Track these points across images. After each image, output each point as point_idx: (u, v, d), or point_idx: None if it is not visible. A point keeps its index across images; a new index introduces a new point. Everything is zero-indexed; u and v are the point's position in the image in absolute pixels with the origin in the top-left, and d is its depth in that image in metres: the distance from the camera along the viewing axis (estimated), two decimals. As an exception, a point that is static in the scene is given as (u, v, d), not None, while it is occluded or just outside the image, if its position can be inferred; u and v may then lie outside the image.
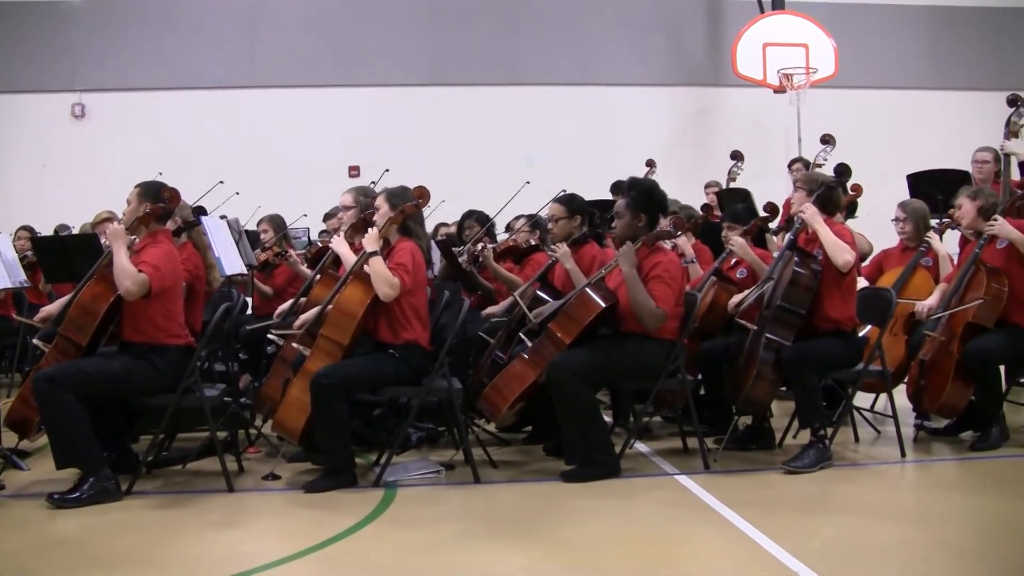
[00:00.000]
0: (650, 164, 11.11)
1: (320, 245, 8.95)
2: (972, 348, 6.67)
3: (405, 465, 6.46)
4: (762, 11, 16.46)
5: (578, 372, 6.06)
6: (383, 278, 5.99)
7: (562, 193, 7.52)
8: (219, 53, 15.84)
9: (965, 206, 7.01)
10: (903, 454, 6.67)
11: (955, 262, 7.38)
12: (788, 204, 7.46)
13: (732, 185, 11.04)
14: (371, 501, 5.74)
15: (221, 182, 8.43)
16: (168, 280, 5.94)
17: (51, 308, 6.41)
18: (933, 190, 8.53)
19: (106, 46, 15.56)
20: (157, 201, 6.12)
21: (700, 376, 7.14)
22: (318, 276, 6.99)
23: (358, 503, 5.69)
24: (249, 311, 8.69)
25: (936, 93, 17.38)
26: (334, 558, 4.84)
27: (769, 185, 10.25)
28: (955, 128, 14.29)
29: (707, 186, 11.38)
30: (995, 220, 6.79)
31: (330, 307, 6.21)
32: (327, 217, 9.27)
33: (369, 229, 6.24)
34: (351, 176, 14.98)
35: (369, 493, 5.92)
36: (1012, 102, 8.52)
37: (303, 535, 5.16)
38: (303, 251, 9.23)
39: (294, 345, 6.37)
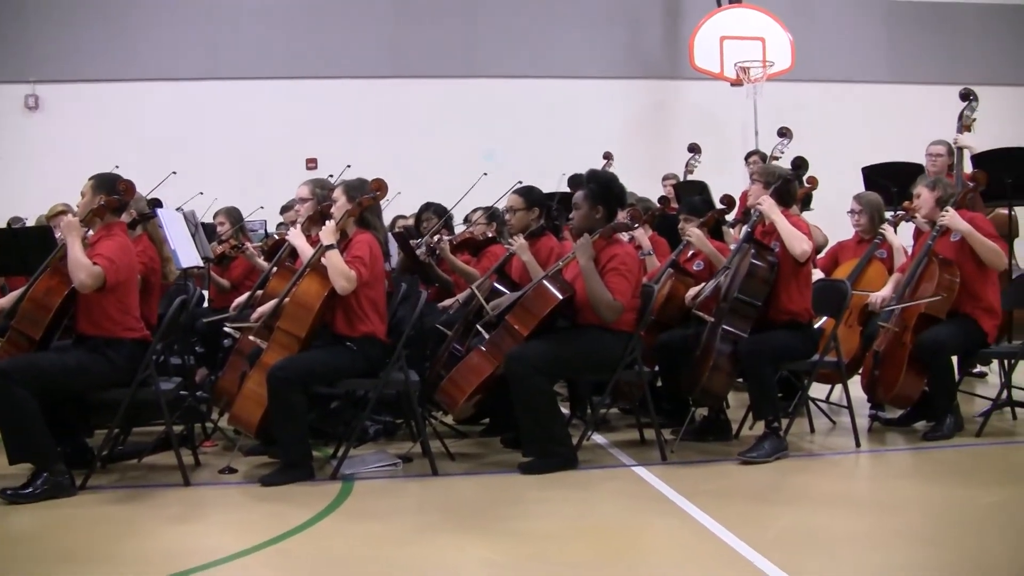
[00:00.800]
0: (607, 157, 11.14)
1: (277, 238, 8.91)
2: (925, 339, 6.74)
3: (362, 458, 6.45)
4: (719, 4, 16.51)
5: (535, 364, 6.07)
6: (340, 271, 5.97)
7: (520, 185, 7.52)
8: (176, 44, 15.71)
9: (924, 195, 7.07)
10: (858, 444, 6.73)
11: (909, 254, 7.43)
12: (745, 197, 7.50)
13: (689, 178, 11.09)
14: (328, 494, 5.72)
15: (174, 172, 8.38)
16: (123, 273, 5.89)
17: (3, 302, 6.35)
18: (888, 183, 8.59)
19: (61, 37, 15.37)
20: (112, 193, 6.06)
21: (657, 368, 7.15)
22: (275, 269, 6.96)
23: (315, 496, 5.67)
24: (205, 304, 8.63)
25: (891, 87, 17.51)
26: (291, 552, 4.82)
27: (726, 178, 10.29)
28: (910, 121, 14.37)
29: (664, 178, 11.43)
30: (946, 212, 6.86)
31: (287, 300, 6.18)
32: (284, 209, 9.23)
33: (326, 222, 6.21)
34: (309, 168, 14.92)
35: (326, 486, 5.90)
36: (965, 96, 8.63)
37: (260, 529, 5.13)
38: (260, 243, 9.18)
39: (251, 338, 6.34)
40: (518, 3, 16.69)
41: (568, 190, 8.71)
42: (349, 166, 8.13)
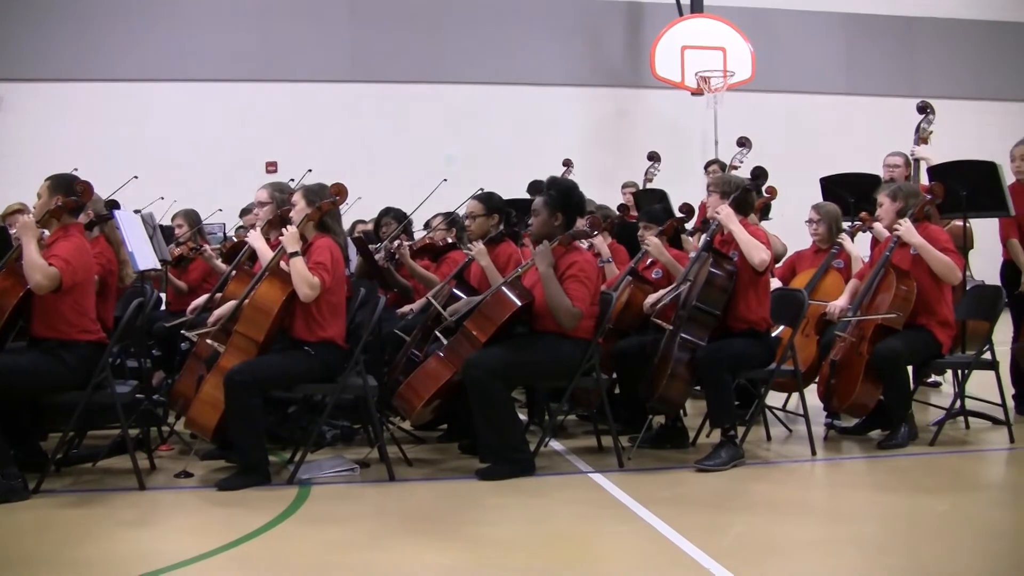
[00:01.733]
0: (567, 164, 11.18)
1: (235, 240, 8.87)
2: (881, 349, 6.80)
3: (319, 463, 6.43)
4: (681, 14, 16.64)
5: (493, 370, 6.07)
6: (304, 279, 5.95)
7: (480, 191, 7.53)
8: (139, 46, 15.66)
9: (885, 205, 7.14)
10: (814, 452, 6.77)
11: (866, 263, 7.50)
12: (704, 207, 7.53)
13: (649, 186, 11.13)
14: (285, 499, 5.70)
15: (135, 177, 8.33)
16: (79, 274, 5.85)
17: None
18: (845, 193, 8.66)
19: (25, 35, 15.30)
20: (69, 194, 6.01)
21: (615, 375, 7.19)
22: (233, 272, 6.93)
23: (272, 501, 5.65)
24: (163, 307, 8.58)
25: (850, 98, 17.72)
26: (247, 557, 4.80)
27: (686, 186, 10.35)
28: (868, 133, 14.55)
29: (624, 186, 11.46)
30: (901, 223, 6.93)
31: (245, 303, 6.15)
32: (243, 213, 9.20)
33: (286, 227, 6.19)
34: (268, 172, 14.89)
35: (283, 491, 5.88)
36: (922, 109, 8.72)
37: (215, 533, 5.10)
38: (218, 247, 9.14)
39: (208, 341, 6.30)
40: (481, 10, 16.74)
41: (529, 196, 8.73)
42: (311, 170, 8.13)
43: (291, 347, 6.19)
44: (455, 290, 6.89)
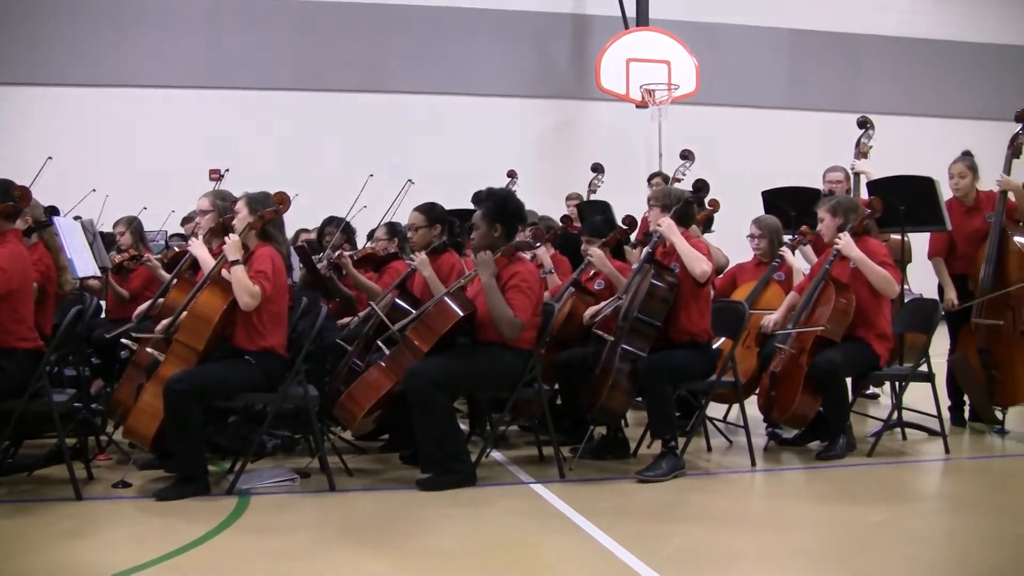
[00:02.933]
0: (511, 175, 11.20)
1: (176, 250, 8.80)
2: (820, 361, 6.88)
3: (259, 473, 6.39)
4: (626, 27, 16.73)
5: (435, 380, 6.06)
6: (245, 287, 5.92)
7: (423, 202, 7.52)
8: (81, 50, 15.53)
9: (826, 220, 7.23)
10: (753, 463, 6.83)
11: (807, 275, 7.58)
12: (646, 220, 7.57)
13: (593, 197, 11.18)
14: (224, 509, 5.66)
15: (94, 190, 8.23)
16: (16, 281, 5.78)
17: None
18: (787, 206, 8.74)
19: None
20: (6, 199, 5.94)
21: (556, 386, 7.22)
22: (175, 280, 6.88)
23: (211, 511, 5.60)
24: (103, 315, 8.50)
25: (792, 112, 17.89)
26: (185, 567, 4.75)
27: (630, 198, 10.37)
28: (809, 147, 14.67)
29: (568, 198, 11.51)
30: (840, 238, 7.02)
31: (186, 312, 6.11)
32: (185, 221, 9.13)
33: (228, 235, 6.16)
34: (212, 180, 14.78)
35: (222, 501, 5.84)
36: (862, 124, 8.84)
37: (153, 544, 5.04)
38: (159, 254, 9.07)
39: (148, 350, 6.25)
40: (427, 20, 16.75)
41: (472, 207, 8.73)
42: (227, 170, 8.05)
43: (232, 356, 6.15)
44: (398, 300, 6.87)
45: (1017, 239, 7.69)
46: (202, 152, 15.41)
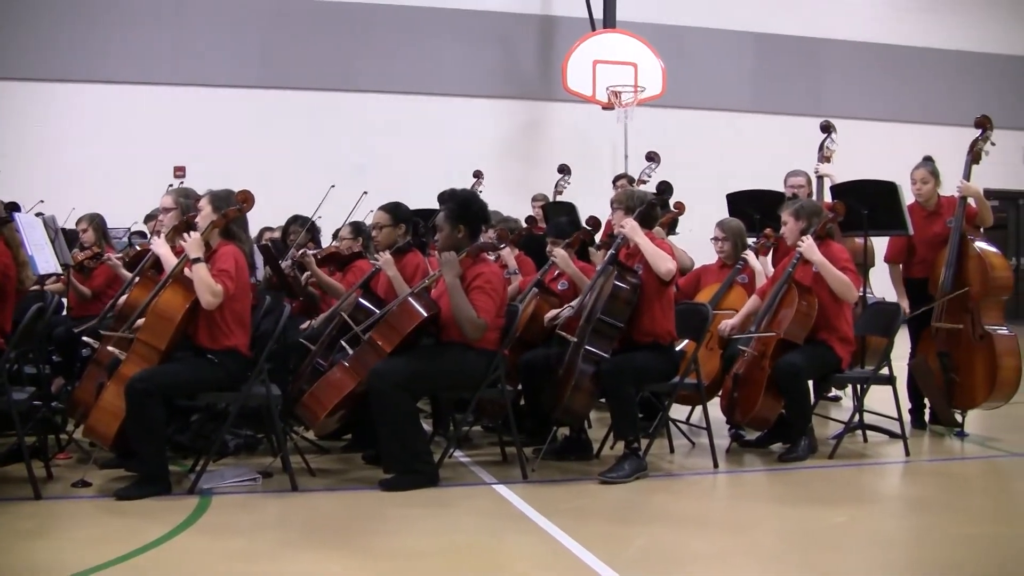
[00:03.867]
0: (477, 175, 11.21)
1: (139, 248, 8.74)
2: (782, 364, 6.92)
3: (221, 472, 6.37)
4: (593, 29, 16.74)
5: (398, 381, 6.06)
6: (207, 286, 5.89)
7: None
8: (42, 46, 15.38)
9: (789, 224, 7.28)
10: (716, 465, 6.86)
11: (770, 278, 7.62)
12: (611, 223, 7.59)
13: (558, 198, 11.19)
14: (185, 509, 5.63)
15: (42, 201, 8.15)
16: (-25, 279, 5.74)
17: None
18: (751, 209, 8.79)
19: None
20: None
21: (520, 386, 7.22)
22: (137, 278, 6.84)
23: (171, 511, 5.57)
24: (64, 312, 8.44)
25: (756, 116, 17.97)
26: (145, 567, 4.73)
27: (595, 199, 10.38)
28: (774, 150, 14.74)
29: (534, 199, 11.52)
30: (803, 241, 7.07)
31: (148, 310, 6.07)
32: (148, 218, 9.07)
33: (190, 233, 6.13)
34: (176, 177, 14.71)
35: (183, 501, 5.81)
36: (825, 128, 8.91)
37: (113, 544, 5.00)
38: (122, 252, 9.00)
39: (110, 348, 6.21)
40: (394, 20, 16.70)
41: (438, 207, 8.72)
42: (183, 169, 8.01)
43: (194, 355, 6.13)
44: (361, 300, 6.86)
45: (977, 244, 7.77)
46: (166, 149, 15.32)
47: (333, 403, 6.28)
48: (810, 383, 7.30)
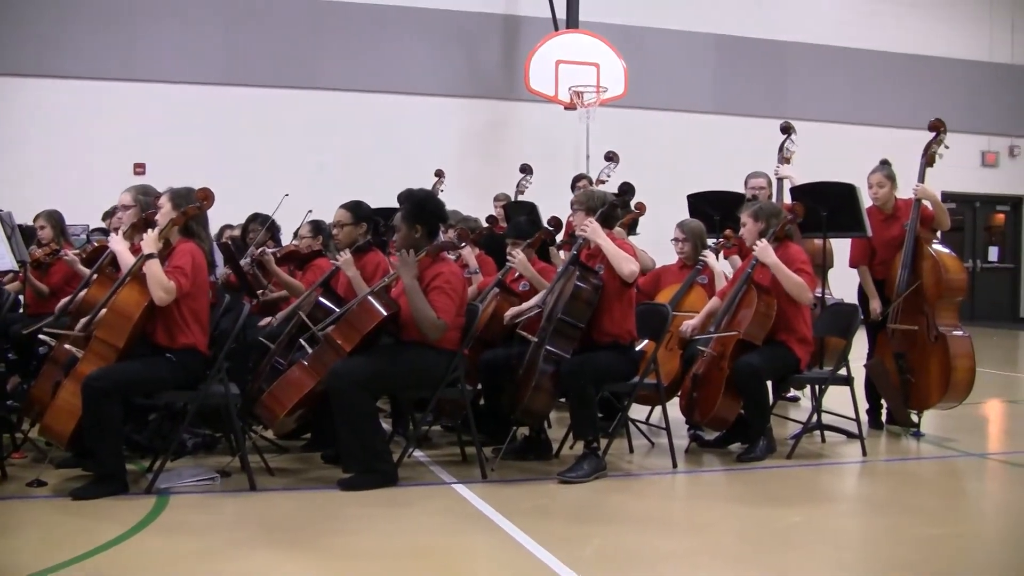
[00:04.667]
0: (439, 175, 11.20)
1: (96, 244, 8.67)
2: (741, 364, 6.95)
3: (179, 471, 6.33)
4: (556, 29, 16.75)
5: (358, 380, 6.05)
6: (159, 282, 5.86)
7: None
8: (3, 40, 15.22)
9: (748, 225, 7.31)
10: (675, 465, 6.88)
11: (730, 279, 7.66)
12: (571, 223, 7.60)
13: (520, 198, 11.20)
14: (142, 508, 5.60)
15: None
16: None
17: None
18: (711, 210, 8.83)
19: None
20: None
21: (480, 386, 7.23)
22: (95, 276, 6.78)
23: (128, 511, 5.54)
24: (21, 309, 8.36)
25: (718, 117, 18.06)
26: (101, 568, 4.69)
27: (557, 199, 10.41)
28: (734, 151, 14.82)
29: (496, 198, 11.53)
30: (759, 243, 7.10)
31: (105, 308, 6.03)
32: (107, 215, 9.00)
33: (150, 230, 6.09)
34: (136, 174, 14.61)
35: (140, 500, 5.77)
36: (785, 130, 8.96)
37: (69, 544, 4.97)
38: (79, 250, 8.92)
39: (67, 346, 6.17)
40: (357, 17, 16.66)
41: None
42: (142, 169, 7.95)
43: (152, 353, 6.09)
44: (321, 298, 6.84)
45: (932, 246, 7.84)
46: (126, 146, 15.21)
47: (292, 402, 6.27)
48: (769, 383, 7.33)
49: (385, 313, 6.22)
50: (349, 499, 5.95)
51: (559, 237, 8.31)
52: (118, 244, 6.29)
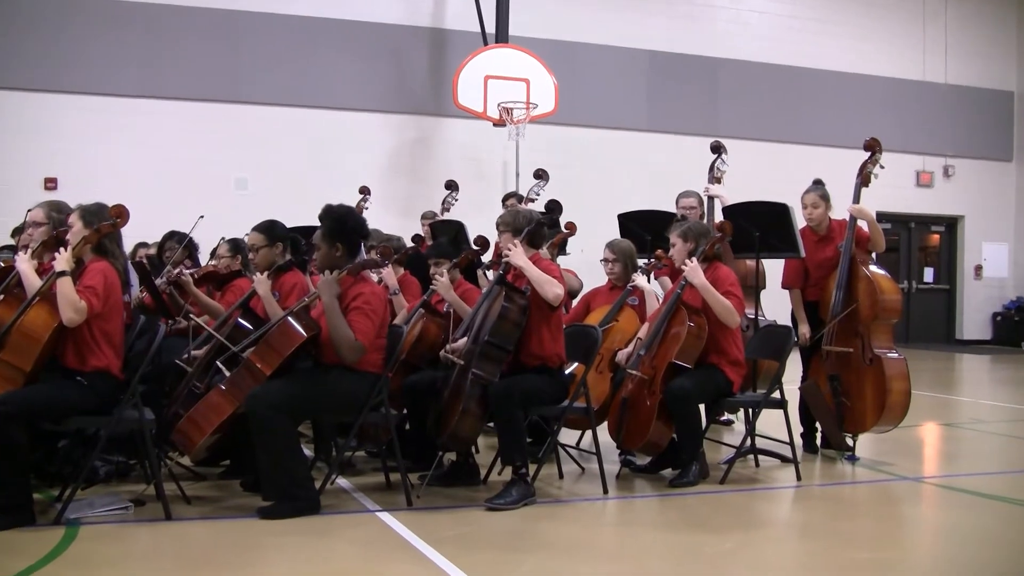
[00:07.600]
0: (364, 192, 10.99)
1: (2, 264, 8.37)
2: (673, 388, 6.86)
3: (91, 500, 6.09)
4: (485, 43, 16.64)
5: (278, 404, 5.87)
6: (69, 301, 5.63)
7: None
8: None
9: (677, 245, 7.23)
10: (605, 491, 6.76)
11: (661, 301, 7.56)
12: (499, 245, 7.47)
13: (446, 215, 11.05)
14: (50, 541, 5.36)
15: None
16: None
17: None
18: (642, 230, 8.74)
19: None
20: None
21: (405, 410, 7.08)
22: (0, 296, 6.50)
23: (35, 543, 5.31)
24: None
25: (650, 135, 18.05)
26: (1, 605, 4.48)
27: (485, 217, 10.27)
28: (666, 170, 14.82)
29: (423, 216, 11.38)
30: (688, 263, 7.01)
31: (12, 330, 5.77)
32: (16, 232, 8.70)
33: (62, 248, 5.85)
34: (47, 189, 14.26)
35: (48, 532, 5.53)
36: (715, 149, 8.92)
37: (-31, 579, 4.75)
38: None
39: (-30, 370, 5.90)
40: (280, 29, 16.43)
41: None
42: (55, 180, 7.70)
43: (62, 377, 5.85)
44: (240, 320, 6.63)
45: (870, 268, 7.79)
46: (36, 159, 14.81)
47: (211, 427, 6.08)
48: (701, 407, 7.23)
49: (305, 334, 6.04)
50: (269, 528, 5.76)
51: (487, 257, 8.15)
52: (22, 263, 6.04)
